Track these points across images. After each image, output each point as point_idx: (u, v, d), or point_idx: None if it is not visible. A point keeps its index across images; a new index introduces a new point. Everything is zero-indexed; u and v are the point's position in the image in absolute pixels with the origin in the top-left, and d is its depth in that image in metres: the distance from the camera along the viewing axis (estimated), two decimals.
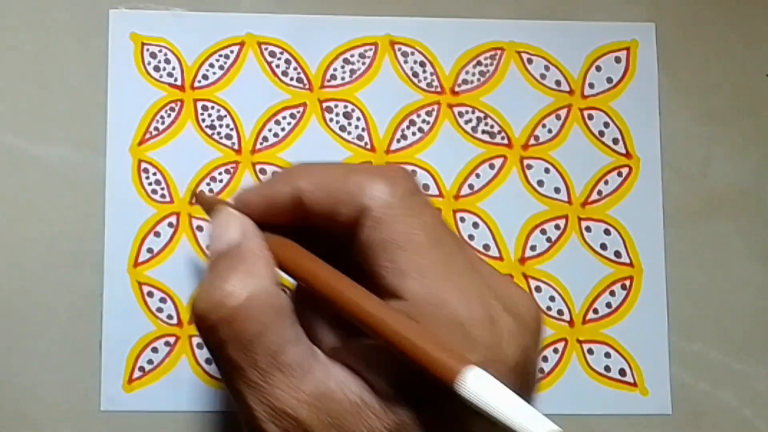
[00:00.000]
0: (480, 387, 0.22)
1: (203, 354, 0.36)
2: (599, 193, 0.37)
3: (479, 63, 0.38)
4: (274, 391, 0.25)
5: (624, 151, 0.38)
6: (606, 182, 0.37)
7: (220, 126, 0.37)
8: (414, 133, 0.37)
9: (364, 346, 0.25)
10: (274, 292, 0.26)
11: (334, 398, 0.24)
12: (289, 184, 0.27)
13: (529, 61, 0.38)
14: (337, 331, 0.26)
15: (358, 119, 0.37)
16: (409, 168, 0.26)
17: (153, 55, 0.37)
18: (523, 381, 0.24)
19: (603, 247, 0.37)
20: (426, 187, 0.37)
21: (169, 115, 0.37)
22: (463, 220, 0.37)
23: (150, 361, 0.36)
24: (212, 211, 0.29)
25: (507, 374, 0.24)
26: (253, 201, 0.28)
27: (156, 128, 0.37)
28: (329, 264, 0.26)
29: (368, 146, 0.37)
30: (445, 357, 0.23)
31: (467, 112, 0.37)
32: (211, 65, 0.37)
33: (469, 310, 0.24)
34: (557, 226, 0.37)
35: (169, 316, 0.36)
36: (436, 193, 0.37)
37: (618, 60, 0.38)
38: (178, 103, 0.37)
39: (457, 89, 0.37)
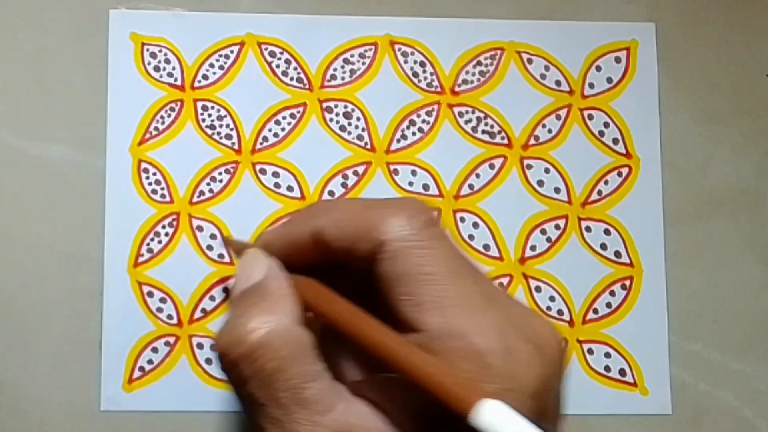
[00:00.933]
0: (495, 418, 0.23)
1: (203, 354, 0.36)
2: (599, 193, 0.37)
3: (479, 63, 0.38)
4: (294, 426, 0.25)
5: (624, 151, 0.38)
6: (606, 182, 0.37)
7: (220, 126, 0.37)
8: (414, 133, 0.37)
9: (386, 380, 0.26)
10: (294, 329, 0.26)
11: None
12: (309, 223, 0.28)
13: (529, 61, 0.38)
14: (362, 366, 0.27)
15: (358, 119, 0.37)
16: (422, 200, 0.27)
17: (153, 55, 0.37)
18: (544, 409, 0.25)
19: (603, 247, 0.37)
20: (426, 187, 0.37)
21: (169, 115, 0.37)
22: (463, 220, 0.37)
23: (150, 361, 0.36)
24: (241, 254, 0.30)
25: (525, 403, 0.24)
26: (275, 242, 0.29)
27: (156, 128, 0.37)
28: (354, 300, 0.27)
29: (368, 146, 0.37)
30: (461, 389, 0.23)
31: (467, 112, 0.37)
32: (211, 65, 0.37)
33: (486, 341, 0.25)
34: (557, 226, 0.37)
35: (169, 316, 0.36)
36: (436, 193, 0.37)
37: (618, 60, 0.38)
38: (178, 103, 0.37)
39: (457, 89, 0.38)
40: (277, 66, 0.37)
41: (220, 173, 0.37)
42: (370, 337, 0.26)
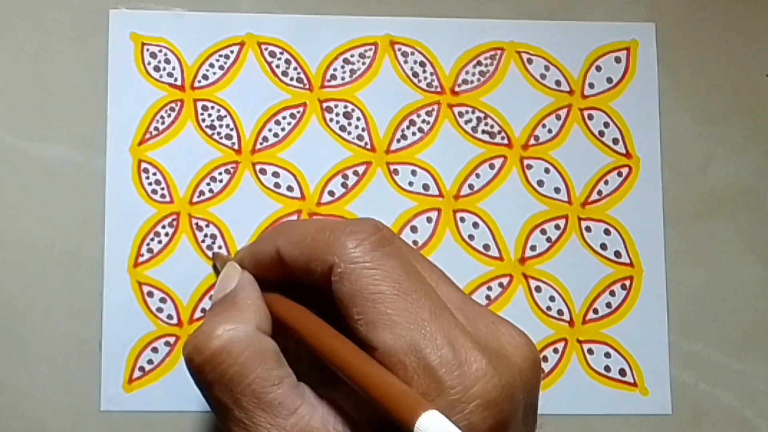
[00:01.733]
0: (434, 429, 0.23)
1: None
2: (599, 193, 0.37)
3: (479, 63, 0.38)
4: (258, 429, 0.26)
5: (624, 151, 0.38)
6: (606, 182, 0.37)
7: (220, 126, 0.37)
8: (414, 133, 0.37)
9: (350, 387, 0.26)
10: (255, 335, 0.28)
11: None
12: (272, 243, 0.29)
13: (529, 61, 0.38)
14: (330, 372, 0.28)
15: (358, 119, 0.37)
16: (377, 219, 0.29)
17: (153, 55, 0.37)
18: (505, 419, 0.26)
19: (603, 247, 0.37)
20: (426, 187, 0.37)
21: (169, 115, 0.37)
22: (463, 220, 0.37)
23: (150, 361, 0.36)
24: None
25: (477, 414, 0.25)
26: (245, 259, 0.31)
27: (156, 128, 0.37)
28: (322, 316, 0.28)
29: (368, 146, 0.37)
30: (405, 400, 0.24)
31: (467, 112, 0.37)
32: (211, 65, 0.37)
33: (436, 354, 0.25)
34: (557, 226, 0.37)
35: (169, 316, 0.36)
36: (436, 193, 0.37)
37: (618, 60, 0.38)
38: (178, 103, 0.37)
39: (457, 89, 0.38)
40: (277, 66, 0.37)
41: (220, 173, 0.37)
42: (326, 347, 0.27)
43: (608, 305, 0.37)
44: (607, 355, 0.37)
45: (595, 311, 0.37)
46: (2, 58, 0.37)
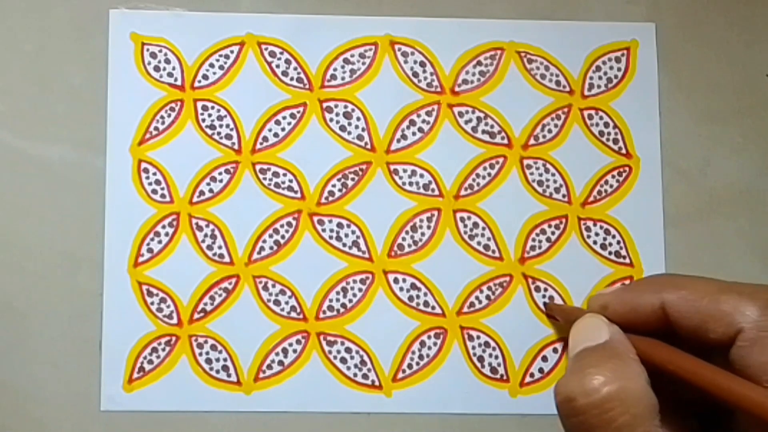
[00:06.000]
0: None
1: (203, 354, 0.36)
2: (599, 193, 0.37)
3: (479, 63, 0.38)
4: None
5: (624, 151, 0.38)
6: (606, 182, 0.37)
7: (220, 126, 0.37)
8: (414, 133, 0.37)
9: None
10: (646, 390, 0.27)
11: None
12: (655, 295, 0.29)
13: (529, 61, 0.38)
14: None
15: (358, 119, 0.37)
16: None
17: (153, 55, 0.37)
18: None
19: (603, 247, 0.37)
20: (426, 187, 0.37)
21: (169, 115, 0.37)
22: (463, 220, 0.37)
23: (150, 361, 0.36)
24: (568, 318, 0.34)
25: None
26: (615, 306, 0.31)
27: (156, 128, 0.37)
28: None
29: (368, 146, 0.37)
30: None
31: (467, 112, 0.37)
32: (211, 65, 0.37)
33: None
34: (557, 226, 0.37)
35: (169, 316, 0.36)
36: (436, 193, 0.37)
37: (618, 60, 0.38)
38: (178, 103, 0.37)
39: (457, 89, 0.38)
40: (277, 66, 0.37)
41: (220, 173, 0.37)
42: (736, 393, 0.26)
43: None
44: None
45: None
46: (2, 58, 0.37)
